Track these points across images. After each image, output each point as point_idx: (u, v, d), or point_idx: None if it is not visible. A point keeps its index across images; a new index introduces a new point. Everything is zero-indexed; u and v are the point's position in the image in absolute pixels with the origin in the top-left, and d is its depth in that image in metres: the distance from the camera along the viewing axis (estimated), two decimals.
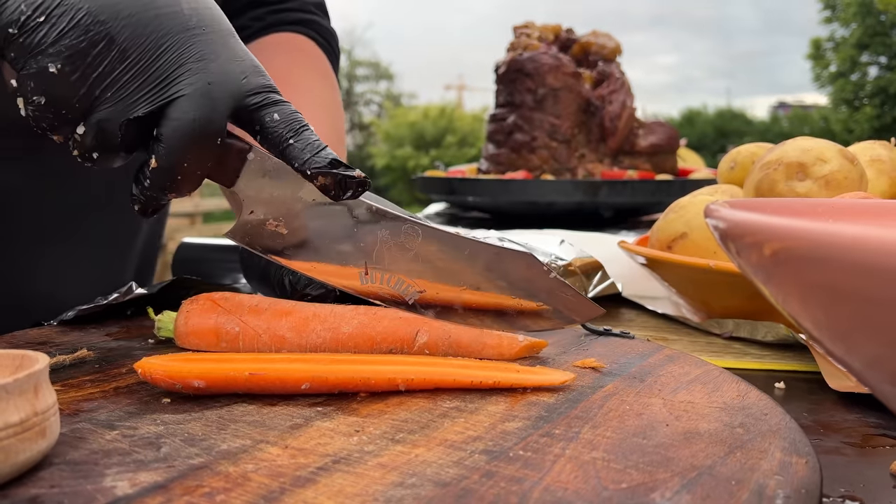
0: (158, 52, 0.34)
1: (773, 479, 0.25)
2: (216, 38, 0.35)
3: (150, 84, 0.34)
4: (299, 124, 0.36)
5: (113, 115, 0.34)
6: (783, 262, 0.23)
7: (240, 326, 0.39)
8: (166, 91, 0.34)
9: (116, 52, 0.33)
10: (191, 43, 0.34)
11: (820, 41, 20.97)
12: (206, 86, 0.34)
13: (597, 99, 1.32)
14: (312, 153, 0.36)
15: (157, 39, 0.34)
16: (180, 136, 0.34)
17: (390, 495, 0.24)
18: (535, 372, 0.36)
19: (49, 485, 0.25)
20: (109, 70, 0.33)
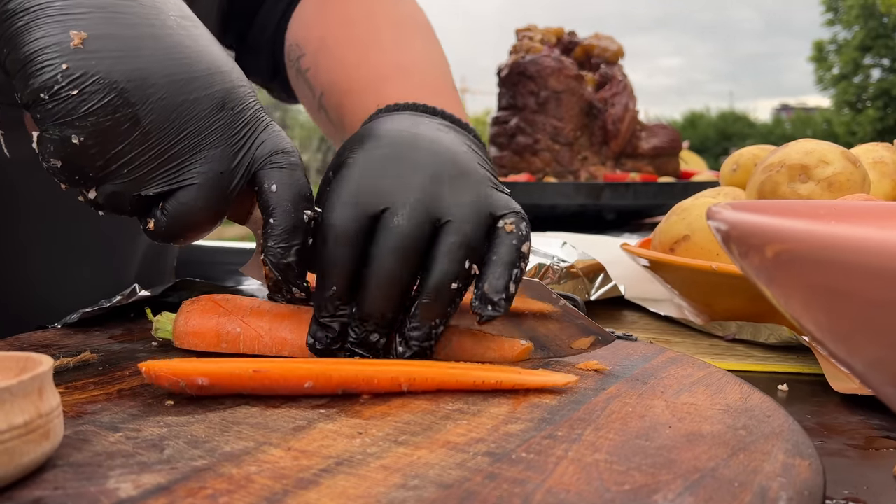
0: (180, 136, 0.34)
1: (776, 482, 0.25)
2: (242, 118, 0.36)
3: (166, 166, 0.34)
4: (289, 204, 0.36)
5: (124, 189, 0.34)
6: (785, 263, 0.23)
7: (241, 327, 0.39)
8: (179, 176, 0.35)
9: (139, 133, 0.33)
10: (214, 127, 0.35)
11: (823, 44, 20.96)
12: (218, 175, 0.35)
13: (599, 102, 1.32)
14: (277, 242, 0.36)
15: (180, 124, 0.34)
16: (183, 220, 0.35)
17: (393, 497, 0.24)
18: (537, 374, 0.35)
19: (53, 487, 0.25)
20: (128, 150, 0.33)
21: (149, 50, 0.33)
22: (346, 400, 0.34)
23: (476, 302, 0.37)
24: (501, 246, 0.38)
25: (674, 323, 0.62)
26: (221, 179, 0.35)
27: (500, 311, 0.37)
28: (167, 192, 0.35)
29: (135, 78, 0.33)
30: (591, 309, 0.64)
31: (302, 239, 0.37)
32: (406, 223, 0.37)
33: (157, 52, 0.34)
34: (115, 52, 0.33)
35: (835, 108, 20.99)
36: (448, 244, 0.37)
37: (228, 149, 0.35)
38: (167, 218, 0.35)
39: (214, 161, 0.35)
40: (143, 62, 0.33)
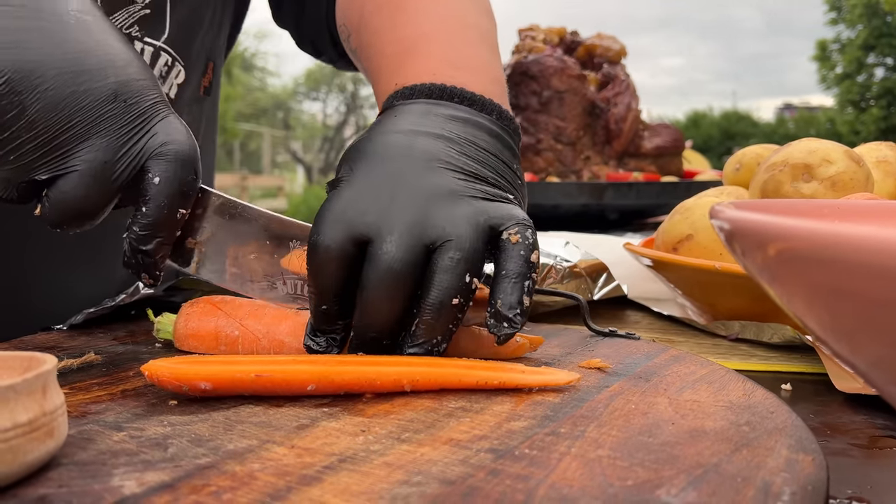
0: (67, 125, 0.35)
1: (779, 477, 0.25)
2: (135, 110, 0.37)
3: (51, 155, 0.35)
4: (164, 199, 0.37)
5: (11, 175, 0.35)
6: (789, 262, 0.23)
7: (239, 330, 0.39)
8: (64, 163, 0.36)
9: (25, 122, 0.34)
10: (103, 118, 0.36)
11: (826, 43, 20.92)
12: (101, 164, 0.36)
13: (602, 101, 1.32)
14: (141, 230, 0.37)
15: (68, 114, 0.35)
16: (63, 206, 0.36)
17: (396, 493, 0.24)
18: (540, 372, 0.35)
19: (57, 484, 0.25)
20: (14, 137, 0.34)
21: (38, 43, 0.35)
22: (349, 398, 0.34)
23: (491, 320, 0.37)
24: (509, 260, 0.37)
25: (677, 322, 0.62)
26: (104, 168, 0.36)
27: (517, 327, 0.36)
28: (51, 178, 0.35)
29: (22, 69, 0.34)
30: (594, 308, 0.64)
31: (166, 234, 0.38)
32: (396, 250, 0.36)
33: (47, 46, 0.35)
34: (5, 43, 0.34)
35: (838, 108, 20.96)
36: (446, 260, 0.36)
37: (116, 139, 0.36)
38: (50, 205, 0.36)
39: (99, 150, 0.36)
40: (31, 54, 0.34)
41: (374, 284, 0.36)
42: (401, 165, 0.39)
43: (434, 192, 0.38)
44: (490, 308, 0.37)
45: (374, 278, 0.36)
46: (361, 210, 0.37)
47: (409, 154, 0.39)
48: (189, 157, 0.38)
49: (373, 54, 0.55)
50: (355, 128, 26.97)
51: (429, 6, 0.55)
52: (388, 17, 0.55)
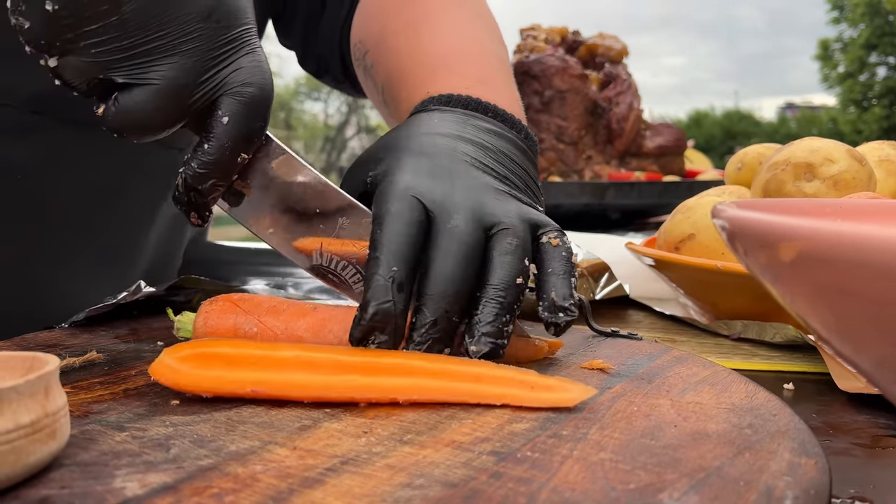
0: (157, 34, 0.34)
1: (781, 480, 0.25)
2: (225, 35, 0.35)
3: (134, 60, 0.34)
4: (229, 141, 0.36)
5: (87, 68, 0.34)
6: (791, 262, 0.23)
7: (258, 327, 0.39)
8: (144, 72, 0.34)
9: (117, 19, 0.33)
10: (194, 35, 0.34)
11: (828, 42, 20.90)
12: (180, 85, 0.35)
13: (604, 101, 1.32)
14: (199, 167, 0.36)
15: (161, 23, 0.34)
16: (131, 117, 0.35)
17: (398, 496, 0.24)
18: (550, 388, 0.33)
19: (60, 486, 0.25)
20: (102, 32, 0.33)
21: None
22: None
23: (546, 313, 0.37)
24: (554, 260, 0.38)
25: (679, 322, 0.62)
26: (182, 90, 0.35)
27: (573, 315, 0.37)
28: (126, 84, 0.34)
29: None
30: (596, 308, 0.64)
31: (224, 176, 0.37)
32: (464, 225, 0.37)
33: None
34: None
35: (840, 107, 20.93)
36: (506, 244, 0.37)
37: (201, 63, 0.35)
38: (117, 110, 0.35)
39: (182, 70, 0.35)
40: None
41: (446, 252, 0.36)
42: (448, 162, 0.40)
43: (484, 187, 0.39)
44: (543, 302, 0.37)
45: (445, 246, 0.36)
46: (425, 190, 0.38)
47: (454, 155, 0.41)
48: (263, 103, 0.37)
49: (394, 69, 0.56)
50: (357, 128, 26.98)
51: (450, 30, 0.56)
52: (413, 37, 0.57)
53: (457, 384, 0.33)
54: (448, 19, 0.58)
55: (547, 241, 0.39)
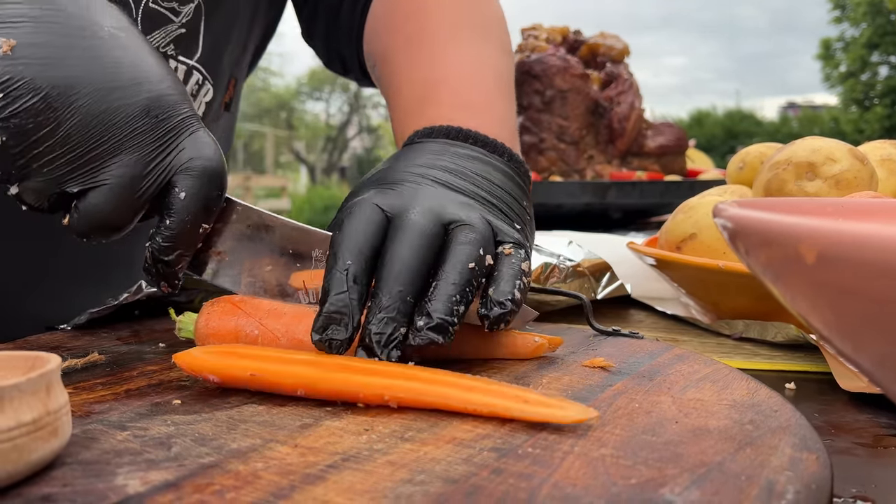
0: (100, 140, 0.36)
1: (783, 475, 0.25)
2: (165, 125, 0.37)
3: (84, 168, 0.36)
4: (189, 215, 0.38)
5: (43, 187, 0.36)
6: (792, 261, 0.23)
7: (259, 329, 0.39)
8: (95, 177, 0.36)
9: (61, 136, 0.35)
10: (135, 133, 0.37)
11: (830, 41, 20.88)
12: (131, 179, 0.37)
13: (605, 100, 1.32)
14: (164, 241, 0.38)
15: (101, 130, 0.36)
16: (92, 218, 0.37)
17: (399, 492, 0.24)
18: (546, 404, 0.30)
19: (61, 483, 0.25)
20: (49, 151, 0.35)
21: (75, 59, 0.35)
22: None
23: (482, 310, 0.38)
24: (503, 265, 0.39)
25: (680, 321, 0.62)
26: (133, 182, 0.37)
27: (506, 310, 0.37)
28: (82, 191, 0.36)
29: (59, 84, 0.35)
30: (598, 308, 0.64)
31: (188, 247, 0.39)
32: (421, 219, 0.38)
33: (83, 61, 0.36)
34: (43, 59, 0.34)
35: (842, 106, 20.91)
36: (463, 234, 0.38)
37: (145, 154, 0.37)
38: (79, 216, 0.37)
39: (129, 165, 0.37)
40: (68, 70, 0.35)
41: (400, 240, 0.37)
42: (413, 186, 0.42)
43: (447, 196, 0.41)
44: (482, 298, 0.38)
45: (400, 236, 0.38)
46: (385, 201, 0.40)
47: (422, 180, 0.42)
48: (215, 172, 0.39)
49: (392, 94, 0.59)
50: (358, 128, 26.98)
51: (448, 47, 0.58)
52: (409, 58, 0.58)
53: (447, 391, 0.32)
54: (447, 38, 0.58)
55: (502, 250, 0.40)
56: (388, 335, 0.35)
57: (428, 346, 0.35)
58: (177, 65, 0.57)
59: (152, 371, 0.39)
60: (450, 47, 0.58)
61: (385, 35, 0.63)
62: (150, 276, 0.39)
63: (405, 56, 0.59)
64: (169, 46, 0.56)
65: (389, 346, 0.35)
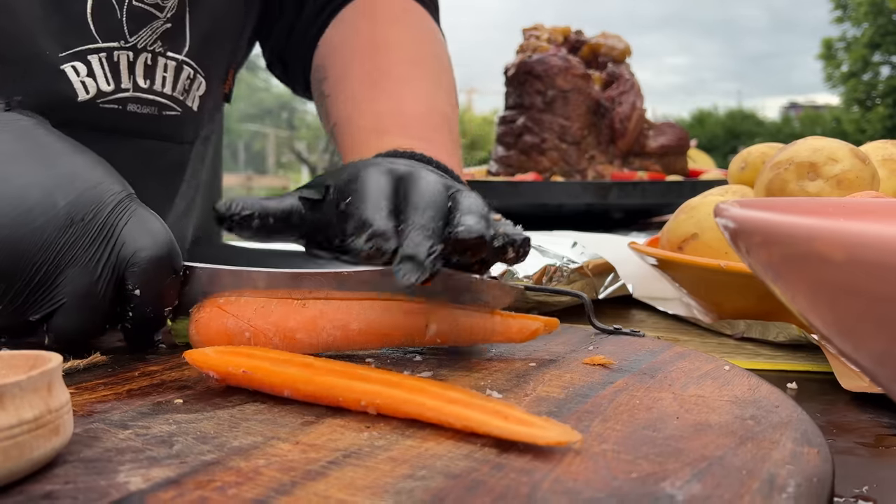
0: (36, 266, 0.36)
1: (784, 469, 0.25)
2: (94, 225, 0.37)
3: (34, 295, 0.36)
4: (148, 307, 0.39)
5: (9, 322, 0.37)
6: (793, 261, 0.23)
7: (249, 331, 0.39)
8: (50, 300, 0.37)
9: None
10: (68, 245, 0.36)
11: (831, 41, 20.86)
12: (85, 290, 0.37)
13: (606, 100, 1.32)
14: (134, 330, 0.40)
15: (32, 255, 0.36)
16: (66, 336, 0.38)
17: (401, 487, 0.24)
18: (527, 423, 0.28)
19: (63, 481, 0.25)
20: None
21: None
22: None
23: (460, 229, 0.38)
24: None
25: (682, 321, 0.62)
26: (89, 291, 0.37)
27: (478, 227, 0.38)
28: (46, 316, 0.37)
29: None
30: (600, 307, 0.64)
31: (157, 328, 0.40)
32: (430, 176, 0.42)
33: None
34: None
35: (844, 106, 20.89)
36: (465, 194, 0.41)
37: (88, 262, 0.37)
38: (54, 336, 0.38)
39: (76, 278, 0.37)
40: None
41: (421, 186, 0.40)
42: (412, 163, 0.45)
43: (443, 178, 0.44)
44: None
45: (420, 184, 0.40)
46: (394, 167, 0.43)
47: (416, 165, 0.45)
48: (163, 258, 0.38)
49: (344, 119, 0.61)
50: None
51: (405, 89, 0.61)
52: (369, 90, 0.61)
53: (424, 400, 0.30)
54: (405, 78, 0.62)
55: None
56: (428, 247, 0.36)
57: (467, 242, 0.37)
58: (166, 62, 0.57)
59: (154, 371, 0.39)
60: (406, 88, 0.61)
61: (345, 56, 0.65)
62: (129, 345, 0.41)
63: (360, 85, 0.62)
64: (156, 44, 0.56)
65: (431, 256, 0.36)
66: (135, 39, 0.54)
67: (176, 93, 0.59)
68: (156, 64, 0.56)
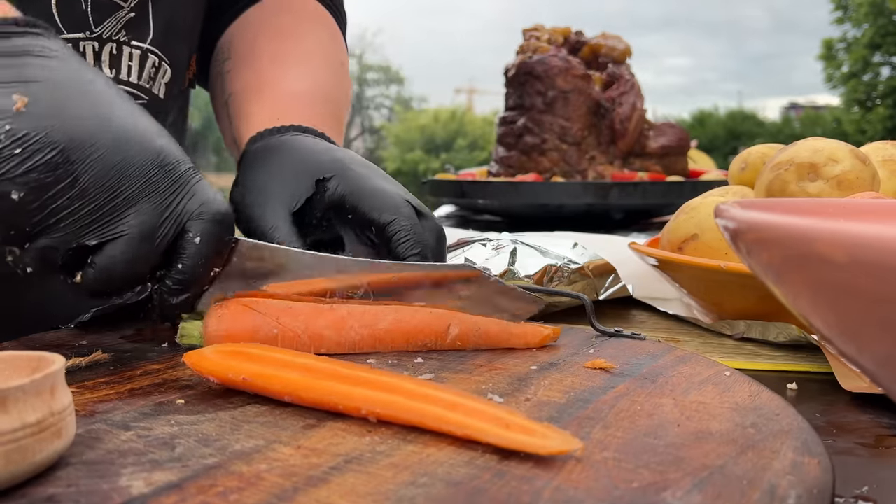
0: (117, 191, 0.36)
1: (784, 479, 0.25)
2: (175, 174, 0.38)
3: (102, 219, 0.36)
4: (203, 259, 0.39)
5: (59, 243, 0.36)
6: (794, 262, 0.23)
7: (278, 329, 0.40)
8: (113, 228, 0.37)
9: (78, 190, 0.35)
10: (148, 184, 0.37)
11: (832, 42, 20.84)
12: (148, 227, 0.37)
13: (607, 101, 1.32)
14: (175, 284, 0.39)
15: (118, 181, 0.36)
16: (110, 271, 0.37)
17: (402, 494, 0.24)
18: (529, 431, 0.28)
19: (66, 484, 0.25)
20: (67, 205, 0.35)
21: (88, 113, 0.36)
22: None
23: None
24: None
25: (682, 322, 0.62)
26: (150, 231, 0.37)
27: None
28: (100, 244, 0.37)
29: (76, 138, 0.35)
30: (600, 308, 0.64)
31: (197, 290, 0.40)
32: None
33: (96, 118, 0.36)
34: (57, 115, 0.35)
35: (844, 107, 20.88)
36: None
37: (160, 203, 0.38)
38: (95, 270, 0.37)
39: (146, 214, 0.37)
40: (83, 124, 0.35)
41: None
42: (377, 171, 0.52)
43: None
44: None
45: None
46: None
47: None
48: (228, 217, 0.40)
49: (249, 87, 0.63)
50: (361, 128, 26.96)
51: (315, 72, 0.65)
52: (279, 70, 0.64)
53: (425, 407, 0.30)
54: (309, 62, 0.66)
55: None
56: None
57: None
58: (131, 51, 0.58)
59: (156, 370, 0.39)
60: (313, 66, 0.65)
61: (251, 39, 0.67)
62: (151, 320, 0.41)
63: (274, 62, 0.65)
64: (121, 34, 0.57)
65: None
66: (100, 30, 0.55)
67: (142, 81, 0.59)
68: (121, 53, 0.57)
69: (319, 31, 0.70)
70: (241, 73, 0.65)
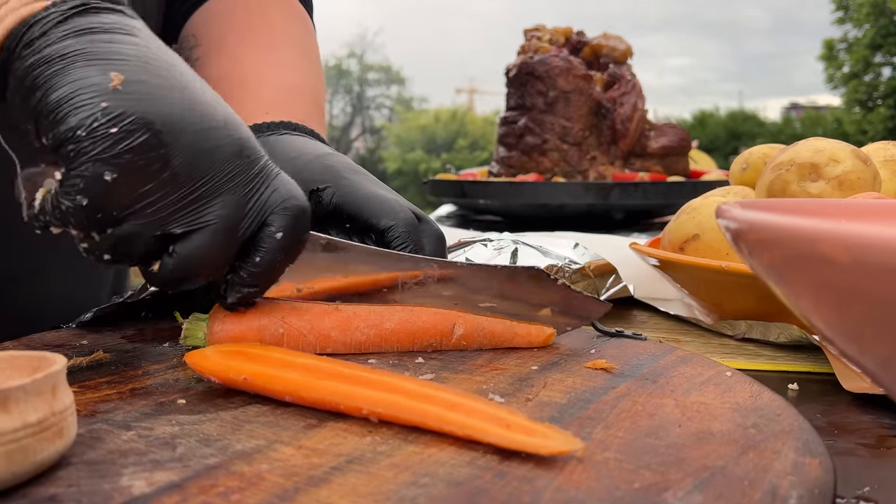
0: (203, 179, 0.35)
1: (786, 480, 0.25)
2: (256, 166, 0.38)
3: (188, 208, 0.35)
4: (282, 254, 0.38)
5: (145, 229, 0.35)
6: (795, 262, 0.23)
7: (284, 328, 0.40)
8: (199, 217, 0.35)
9: (168, 174, 0.34)
10: (232, 173, 0.36)
11: (833, 42, 20.83)
12: (232, 218, 0.36)
13: (608, 101, 1.32)
14: (252, 278, 0.38)
15: (204, 168, 0.35)
16: (192, 260, 0.36)
17: (403, 494, 0.24)
18: (530, 431, 0.28)
19: (67, 484, 0.25)
20: (156, 189, 0.34)
21: (178, 97, 0.35)
22: None
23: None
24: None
25: (684, 322, 0.62)
26: (234, 223, 0.36)
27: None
28: (185, 233, 0.35)
29: (168, 121, 0.34)
30: None
31: (269, 284, 0.39)
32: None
33: (185, 101, 0.35)
34: (150, 96, 0.34)
35: (845, 107, 20.87)
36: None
37: (243, 194, 0.37)
38: (176, 259, 0.36)
39: (230, 205, 0.36)
40: (174, 107, 0.34)
41: None
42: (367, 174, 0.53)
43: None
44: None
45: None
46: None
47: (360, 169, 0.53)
48: (305, 214, 0.39)
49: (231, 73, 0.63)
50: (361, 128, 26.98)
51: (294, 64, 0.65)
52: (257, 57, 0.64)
53: (427, 407, 0.30)
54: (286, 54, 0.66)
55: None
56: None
57: None
58: None
59: (157, 370, 0.39)
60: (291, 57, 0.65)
61: (223, 24, 0.66)
62: (222, 302, 0.40)
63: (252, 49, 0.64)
64: None
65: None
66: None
67: None
68: None
69: (288, 16, 0.69)
70: (214, 59, 0.64)
